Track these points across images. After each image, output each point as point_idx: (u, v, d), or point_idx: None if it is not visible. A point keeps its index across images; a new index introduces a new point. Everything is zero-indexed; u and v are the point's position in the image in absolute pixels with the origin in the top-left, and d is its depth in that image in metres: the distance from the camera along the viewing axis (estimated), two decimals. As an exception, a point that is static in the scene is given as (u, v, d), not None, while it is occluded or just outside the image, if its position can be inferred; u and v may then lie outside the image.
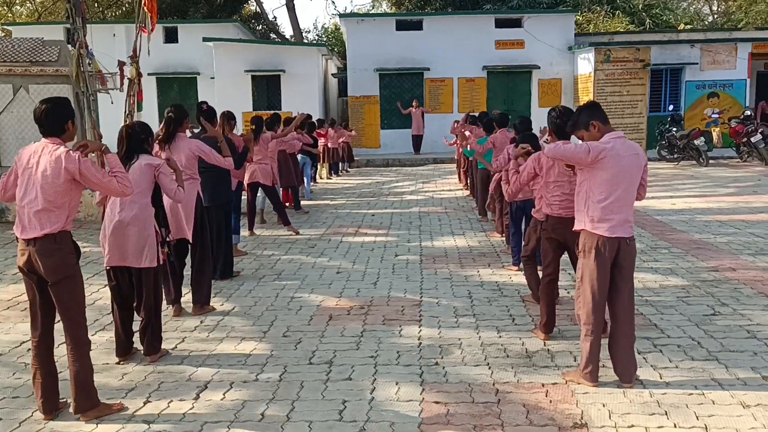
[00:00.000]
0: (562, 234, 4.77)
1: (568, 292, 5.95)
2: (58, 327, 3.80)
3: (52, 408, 3.78)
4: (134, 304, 4.75)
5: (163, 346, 4.86)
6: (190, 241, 5.69)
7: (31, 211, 3.65)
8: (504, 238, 8.24)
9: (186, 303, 5.78)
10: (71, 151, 3.66)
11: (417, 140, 20.92)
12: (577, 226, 4.16)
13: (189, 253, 5.81)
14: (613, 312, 4.09)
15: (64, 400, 3.89)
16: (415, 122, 20.76)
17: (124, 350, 4.69)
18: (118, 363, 4.59)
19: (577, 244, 4.16)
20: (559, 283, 5.15)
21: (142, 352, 4.68)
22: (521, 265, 6.55)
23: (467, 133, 10.63)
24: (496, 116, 9.30)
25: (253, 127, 9.32)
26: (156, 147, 5.59)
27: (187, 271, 5.88)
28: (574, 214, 4.24)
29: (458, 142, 13.07)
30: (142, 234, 4.55)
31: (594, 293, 4.01)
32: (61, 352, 4.03)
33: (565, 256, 5.02)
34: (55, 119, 3.71)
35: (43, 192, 3.63)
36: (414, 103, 20.83)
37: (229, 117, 7.74)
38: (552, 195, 4.87)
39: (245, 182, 8.99)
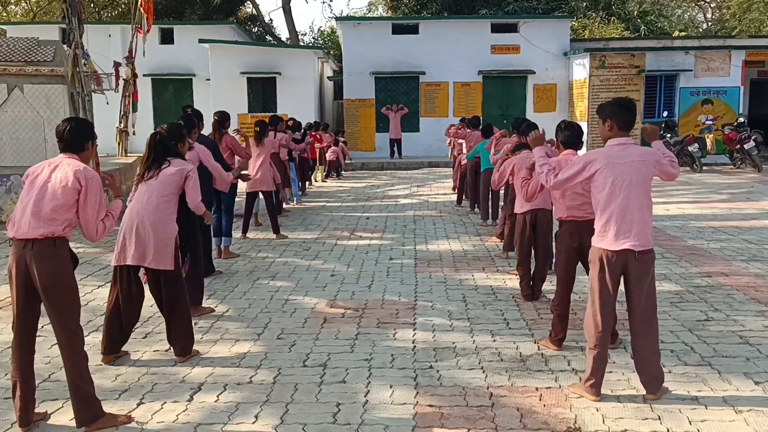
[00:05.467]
0: (578, 238, 4.53)
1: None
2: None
3: (29, 420, 3.65)
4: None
5: (156, 347, 4.86)
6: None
7: (35, 211, 3.58)
8: (500, 243, 8.27)
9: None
10: (89, 168, 3.73)
11: (393, 144, 20.62)
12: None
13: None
14: (630, 324, 3.96)
15: (45, 411, 3.83)
16: (393, 125, 20.48)
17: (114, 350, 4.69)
18: (109, 363, 4.57)
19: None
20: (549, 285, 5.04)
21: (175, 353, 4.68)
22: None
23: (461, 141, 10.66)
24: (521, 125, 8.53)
25: (257, 129, 9.32)
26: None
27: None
28: (589, 216, 4.19)
29: (454, 148, 13.17)
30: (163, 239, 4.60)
31: (599, 306, 3.89)
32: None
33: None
34: (76, 137, 3.77)
35: (51, 198, 3.60)
36: (394, 107, 20.58)
37: (222, 119, 7.78)
38: (566, 195, 4.60)
39: (246, 190, 8.98)
